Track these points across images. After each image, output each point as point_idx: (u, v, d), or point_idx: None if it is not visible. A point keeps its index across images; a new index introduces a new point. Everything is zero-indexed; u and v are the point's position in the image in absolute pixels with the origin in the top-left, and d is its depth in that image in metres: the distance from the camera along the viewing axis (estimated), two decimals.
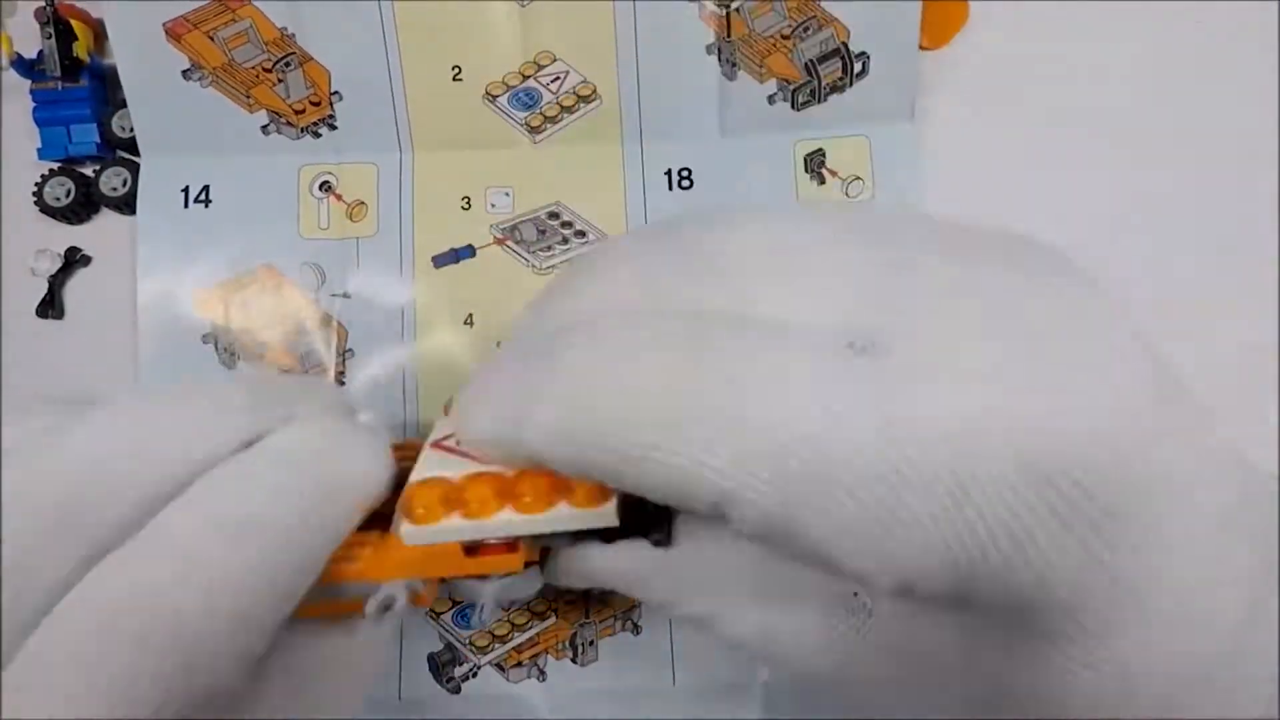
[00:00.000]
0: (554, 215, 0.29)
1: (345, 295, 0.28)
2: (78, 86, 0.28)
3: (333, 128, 0.28)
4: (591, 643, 0.27)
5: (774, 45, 0.27)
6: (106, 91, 0.29)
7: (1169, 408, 0.14)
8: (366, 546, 0.16)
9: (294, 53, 0.28)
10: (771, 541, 0.14)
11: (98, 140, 0.29)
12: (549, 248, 0.28)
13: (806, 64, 0.27)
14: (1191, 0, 0.28)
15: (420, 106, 0.28)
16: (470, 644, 0.27)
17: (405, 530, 0.15)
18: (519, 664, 0.27)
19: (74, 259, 0.29)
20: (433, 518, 0.15)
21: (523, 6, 0.27)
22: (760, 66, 0.27)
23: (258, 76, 0.28)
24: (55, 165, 0.29)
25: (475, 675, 0.27)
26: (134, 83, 0.28)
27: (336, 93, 0.28)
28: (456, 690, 0.27)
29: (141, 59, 0.27)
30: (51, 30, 0.28)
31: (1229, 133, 0.28)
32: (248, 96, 0.28)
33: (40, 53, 0.28)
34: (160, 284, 0.28)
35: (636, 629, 0.27)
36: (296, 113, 0.28)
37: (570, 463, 0.15)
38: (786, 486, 0.13)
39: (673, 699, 0.27)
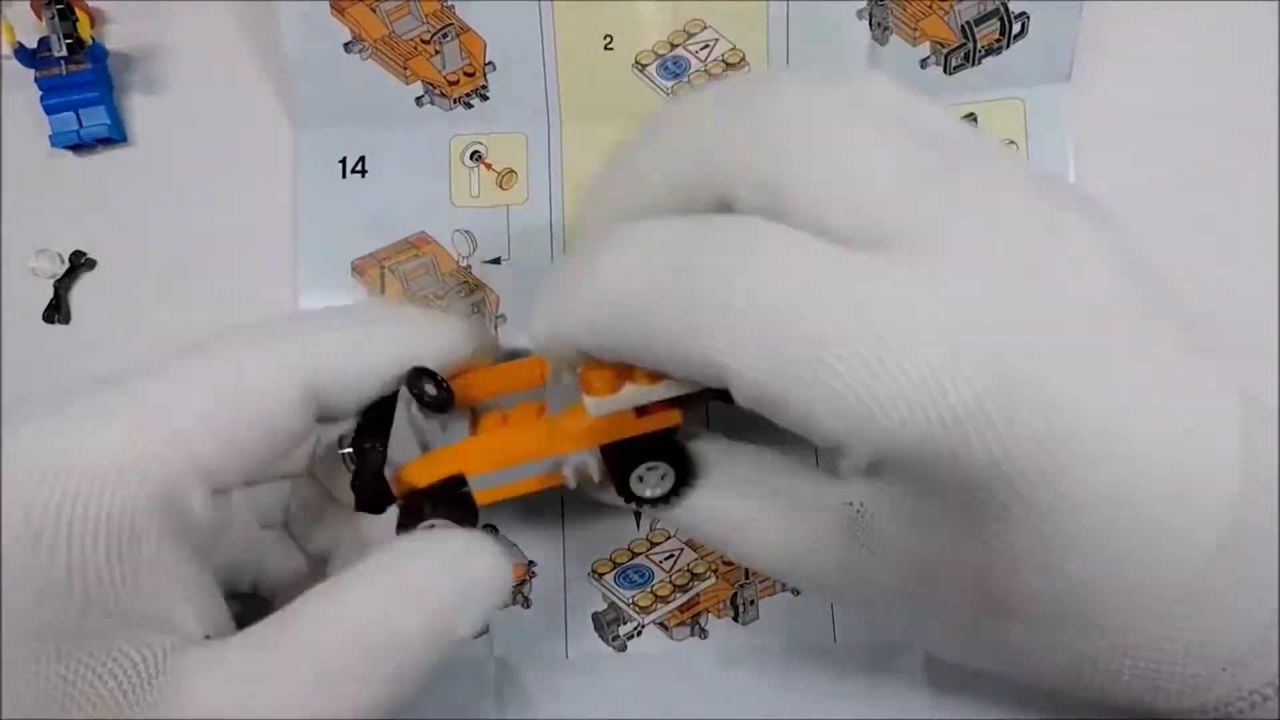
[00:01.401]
0: None
1: (497, 261, 0.29)
2: (82, 70, 0.28)
3: (484, 98, 0.29)
4: (752, 602, 0.27)
5: (930, 7, 0.27)
6: (110, 75, 0.29)
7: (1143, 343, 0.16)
8: (540, 427, 0.21)
9: (452, 23, 0.28)
10: (765, 410, 0.16)
11: (108, 122, 0.29)
12: None
13: (963, 25, 0.27)
14: None
15: (570, 76, 0.29)
16: (634, 604, 0.27)
17: (590, 403, 0.18)
18: (682, 623, 0.27)
19: (79, 263, 0.29)
20: (610, 390, 0.18)
21: None
22: (914, 29, 0.28)
23: (416, 48, 0.28)
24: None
25: (640, 634, 0.27)
26: (298, 57, 0.28)
27: (490, 63, 0.29)
28: (623, 648, 0.27)
29: (307, 32, 0.28)
30: (55, 11, 0.28)
31: None
32: (405, 68, 0.29)
33: (41, 41, 0.28)
34: (318, 255, 0.29)
35: (796, 590, 0.27)
36: (450, 84, 0.29)
37: (604, 349, 0.18)
38: (775, 364, 0.15)
39: (835, 655, 0.27)
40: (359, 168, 0.29)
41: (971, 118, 0.28)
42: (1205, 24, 0.28)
